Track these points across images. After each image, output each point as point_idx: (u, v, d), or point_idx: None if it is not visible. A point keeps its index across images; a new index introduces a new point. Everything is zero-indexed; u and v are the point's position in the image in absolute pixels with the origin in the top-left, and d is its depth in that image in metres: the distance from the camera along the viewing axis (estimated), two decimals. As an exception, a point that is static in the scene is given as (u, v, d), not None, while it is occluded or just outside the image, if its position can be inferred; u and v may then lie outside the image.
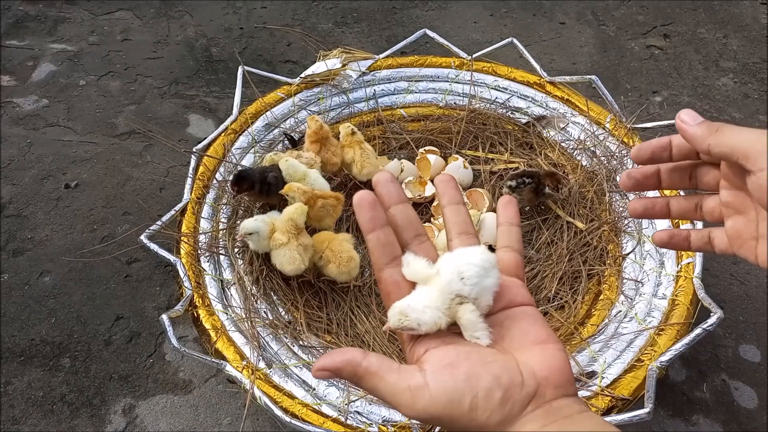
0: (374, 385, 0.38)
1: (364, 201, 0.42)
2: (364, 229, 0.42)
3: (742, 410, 1.00)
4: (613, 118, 1.18)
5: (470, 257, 0.39)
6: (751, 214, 0.43)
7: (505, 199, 0.47)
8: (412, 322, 0.38)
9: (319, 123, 1.10)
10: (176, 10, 1.81)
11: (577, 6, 1.85)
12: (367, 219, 0.42)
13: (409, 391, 0.36)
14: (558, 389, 0.36)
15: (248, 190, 1.03)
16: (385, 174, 0.44)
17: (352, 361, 0.38)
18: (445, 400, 0.35)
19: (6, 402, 1.00)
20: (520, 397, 0.35)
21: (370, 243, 0.42)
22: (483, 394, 0.35)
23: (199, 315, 0.91)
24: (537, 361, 0.37)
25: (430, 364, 0.38)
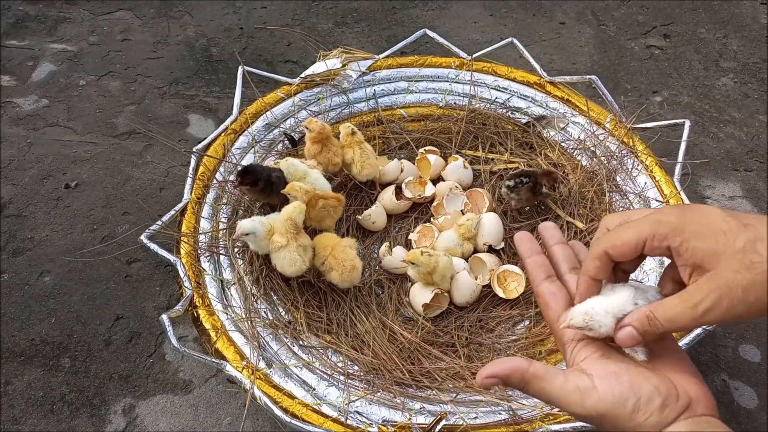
0: (542, 388, 0.43)
1: (524, 237, 0.53)
2: (523, 256, 0.52)
3: (742, 410, 1.00)
4: (613, 118, 1.18)
5: (645, 292, 0.46)
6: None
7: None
8: (594, 323, 0.44)
9: (320, 124, 1.11)
10: (176, 10, 1.81)
11: (577, 6, 1.85)
12: (526, 248, 0.52)
13: (578, 392, 0.42)
14: (706, 409, 0.41)
15: (250, 185, 1.03)
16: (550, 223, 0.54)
17: (520, 368, 0.43)
18: (612, 400, 0.41)
19: (6, 402, 1.00)
20: (676, 407, 0.41)
21: (528, 265, 0.51)
22: (645, 399, 0.41)
23: (199, 315, 0.91)
24: (689, 384, 0.43)
25: (594, 370, 0.43)
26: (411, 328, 0.98)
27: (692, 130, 1.11)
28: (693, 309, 0.43)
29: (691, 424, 0.40)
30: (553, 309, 0.48)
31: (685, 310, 0.43)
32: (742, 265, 0.41)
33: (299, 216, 0.95)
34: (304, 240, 0.97)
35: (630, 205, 1.09)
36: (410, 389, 0.87)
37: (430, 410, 0.83)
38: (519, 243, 0.53)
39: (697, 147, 1.43)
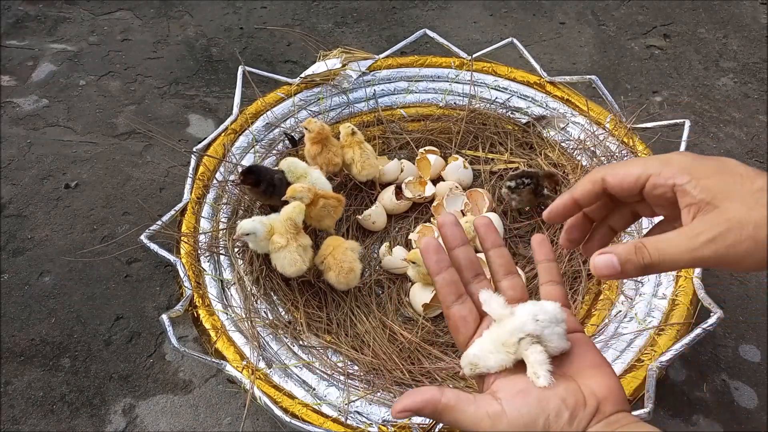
0: (455, 419, 0.42)
1: (431, 246, 0.48)
2: (432, 272, 0.48)
3: (742, 410, 1.00)
4: (613, 118, 1.18)
5: (546, 306, 0.45)
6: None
7: (538, 238, 0.51)
8: (482, 369, 0.44)
9: (319, 124, 1.11)
10: (176, 10, 1.81)
11: (577, 6, 1.85)
12: (433, 262, 0.47)
13: (488, 418, 0.41)
14: (615, 405, 0.41)
15: (252, 185, 1.03)
16: (450, 217, 0.50)
17: (432, 400, 0.43)
18: (522, 423, 0.40)
19: (6, 402, 1.00)
20: (585, 414, 0.41)
21: (438, 284, 0.48)
22: (554, 415, 0.40)
23: (199, 315, 0.91)
24: (595, 382, 0.42)
25: (503, 392, 0.43)
26: (411, 328, 0.98)
27: (692, 130, 1.11)
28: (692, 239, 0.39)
29: (602, 426, 0.40)
30: (463, 334, 0.47)
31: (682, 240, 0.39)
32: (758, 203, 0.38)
33: (299, 216, 0.96)
34: (304, 240, 0.97)
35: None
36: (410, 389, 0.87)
37: (430, 410, 0.83)
38: (425, 254, 0.48)
39: (697, 147, 1.43)
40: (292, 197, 0.98)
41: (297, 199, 0.98)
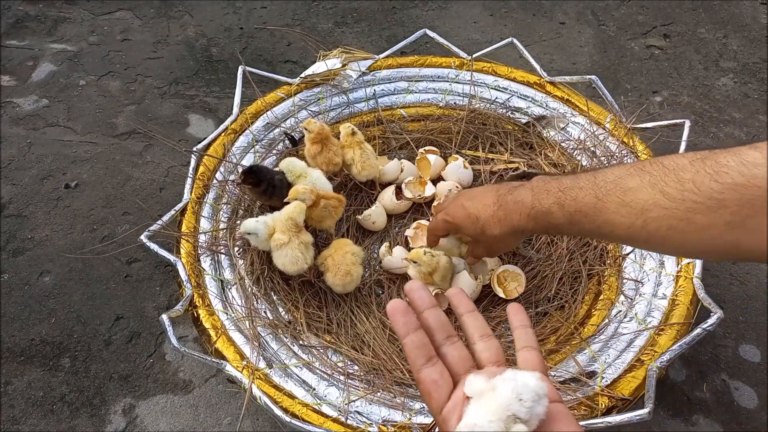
0: None
1: (398, 309, 0.48)
2: (399, 334, 0.48)
3: (742, 410, 1.00)
4: (613, 118, 1.18)
5: (528, 380, 0.44)
6: None
7: (514, 307, 0.53)
8: None
9: (319, 124, 1.11)
10: (176, 10, 1.81)
11: (577, 6, 1.85)
12: (401, 324, 0.48)
13: None
14: None
15: (252, 185, 1.03)
16: (416, 282, 0.52)
17: None
18: None
19: (6, 402, 1.00)
20: None
21: (406, 346, 0.48)
22: None
23: (199, 315, 0.91)
24: None
25: None
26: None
27: (692, 130, 1.11)
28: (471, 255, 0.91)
29: None
30: (435, 399, 0.46)
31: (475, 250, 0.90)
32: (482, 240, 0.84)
33: (300, 216, 0.95)
34: (306, 237, 0.97)
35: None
36: (410, 389, 0.87)
37: (430, 410, 0.83)
38: (392, 316, 0.49)
39: (697, 147, 1.43)
40: (295, 198, 0.98)
41: (299, 201, 0.98)
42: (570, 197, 0.66)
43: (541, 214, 0.71)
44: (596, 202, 0.62)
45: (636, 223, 0.58)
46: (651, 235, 0.58)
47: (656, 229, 0.57)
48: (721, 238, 0.52)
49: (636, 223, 0.58)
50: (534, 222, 0.73)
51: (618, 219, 0.60)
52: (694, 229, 0.53)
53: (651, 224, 0.57)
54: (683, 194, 0.53)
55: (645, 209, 0.57)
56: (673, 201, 0.54)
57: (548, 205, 0.70)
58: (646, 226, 0.58)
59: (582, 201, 0.64)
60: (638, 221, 0.58)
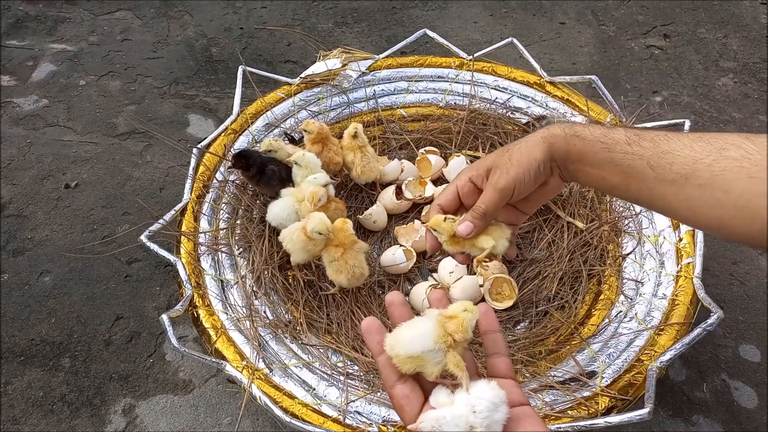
0: None
1: (372, 327, 0.51)
2: (374, 352, 0.50)
3: (742, 410, 1.00)
4: (613, 118, 1.18)
5: (483, 392, 0.47)
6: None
7: (483, 308, 0.53)
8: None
9: (318, 125, 1.11)
10: (176, 10, 1.81)
11: (577, 6, 1.85)
12: (375, 342, 0.50)
13: None
14: None
15: (242, 169, 1.03)
16: (399, 296, 0.53)
17: None
18: None
19: (6, 402, 1.00)
20: None
21: (380, 363, 0.50)
22: None
23: (199, 315, 0.91)
24: None
25: None
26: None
27: (692, 130, 1.11)
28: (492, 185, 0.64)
29: None
30: (407, 413, 0.49)
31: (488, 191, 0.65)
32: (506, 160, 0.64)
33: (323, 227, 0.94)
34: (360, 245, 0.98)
35: (630, 205, 1.09)
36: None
37: (430, 410, 0.83)
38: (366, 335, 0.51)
39: (697, 147, 1.43)
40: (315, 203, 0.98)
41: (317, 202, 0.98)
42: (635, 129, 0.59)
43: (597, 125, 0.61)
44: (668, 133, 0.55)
45: (704, 160, 0.50)
46: (714, 176, 0.49)
47: (723, 169, 0.49)
48: None
49: (704, 160, 0.50)
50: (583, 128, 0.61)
51: (686, 152, 0.52)
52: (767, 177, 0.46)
53: (720, 163, 0.49)
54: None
55: (723, 148, 0.50)
56: (758, 145, 0.48)
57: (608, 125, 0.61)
58: (714, 164, 0.49)
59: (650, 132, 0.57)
60: (708, 158, 0.50)
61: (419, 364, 0.50)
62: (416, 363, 0.50)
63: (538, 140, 0.63)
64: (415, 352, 0.49)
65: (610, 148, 0.58)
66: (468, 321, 0.51)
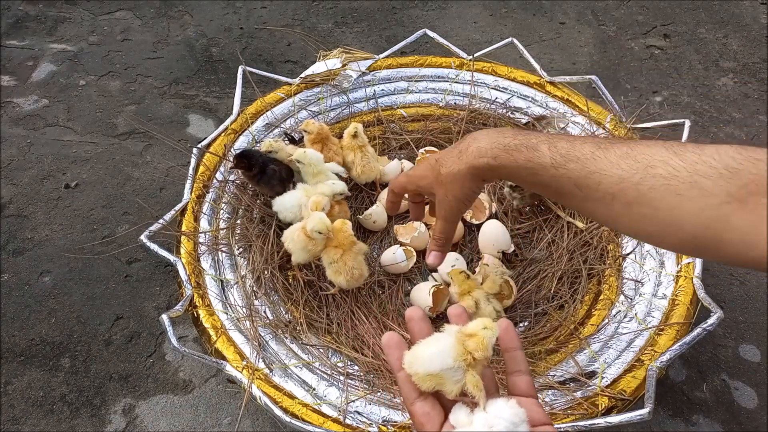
0: None
1: (392, 342, 0.51)
2: (394, 368, 0.50)
3: (742, 410, 1.00)
4: (613, 118, 1.18)
5: (502, 411, 0.46)
6: None
7: (503, 324, 0.53)
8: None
9: (318, 125, 1.11)
10: (176, 10, 1.81)
11: (577, 6, 1.85)
12: (395, 358, 0.50)
13: None
14: None
15: (244, 168, 1.04)
16: (419, 311, 0.53)
17: None
18: None
19: (6, 402, 1.00)
20: None
21: (400, 380, 0.50)
22: None
23: (199, 315, 0.91)
24: None
25: None
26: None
27: (692, 130, 1.11)
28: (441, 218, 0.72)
29: None
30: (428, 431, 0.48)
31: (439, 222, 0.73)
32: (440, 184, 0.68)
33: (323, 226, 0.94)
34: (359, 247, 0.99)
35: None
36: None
37: (430, 410, 0.83)
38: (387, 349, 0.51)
39: (697, 147, 1.43)
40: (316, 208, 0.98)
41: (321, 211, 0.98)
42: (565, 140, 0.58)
43: (523, 146, 0.60)
44: (595, 150, 0.54)
45: (631, 179, 0.51)
46: (641, 194, 0.50)
47: (651, 188, 0.50)
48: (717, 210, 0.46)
49: (631, 179, 0.51)
50: (507, 155, 0.60)
51: (612, 171, 0.52)
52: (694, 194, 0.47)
53: (648, 182, 0.50)
54: (700, 157, 0.48)
55: (650, 165, 0.50)
56: (686, 162, 0.48)
57: (536, 141, 0.59)
58: (642, 183, 0.50)
59: (579, 147, 0.56)
60: (635, 177, 0.51)
61: (439, 382, 0.49)
62: (435, 381, 0.49)
63: (466, 170, 0.64)
64: (434, 369, 0.49)
65: (537, 173, 0.58)
66: (488, 339, 0.50)
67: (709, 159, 0.47)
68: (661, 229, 0.50)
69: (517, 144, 0.60)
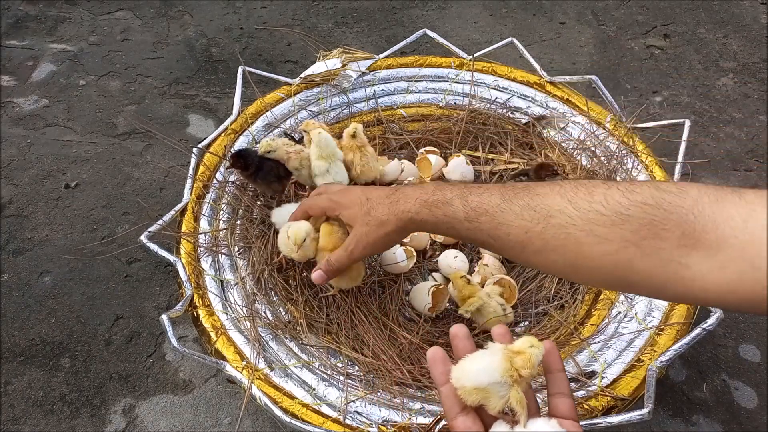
0: None
1: (437, 357, 0.53)
2: (437, 382, 0.52)
3: (742, 410, 1.00)
4: (613, 117, 1.18)
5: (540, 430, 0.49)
6: None
7: (548, 345, 0.54)
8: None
9: (317, 125, 1.11)
10: (176, 10, 1.81)
11: (577, 6, 1.85)
12: (439, 372, 0.52)
13: None
14: None
15: (240, 168, 1.04)
16: (463, 329, 0.55)
17: None
18: None
19: (6, 402, 1.00)
20: None
21: (443, 394, 0.52)
22: None
23: (199, 315, 0.91)
24: None
25: None
26: (411, 329, 0.98)
27: (692, 130, 1.11)
28: (346, 250, 0.80)
29: None
30: None
31: (342, 253, 0.80)
32: (364, 223, 0.75)
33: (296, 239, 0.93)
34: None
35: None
36: (410, 389, 0.87)
37: (430, 410, 0.83)
38: (432, 364, 0.53)
39: (697, 147, 1.43)
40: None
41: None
42: (475, 194, 0.64)
43: (440, 202, 0.66)
44: (501, 203, 0.60)
45: (534, 229, 0.56)
46: (546, 242, 0.55)
47: (553, 236, 0.55)
48: (616, 255, 0.50)
49: (534, 229, 0.56)
50: (428, 210, 0.68)
51: (518, 222, 0.58)
52: (592, 241, 0.52)
53: (549, 231, 0.55)
54: (591, 205, 0.52)
55: (549, 215, 0.55)
56: (579, 210, 0.53)
57: (450, 196, 0.66)
58: (545, 232, 0.55)
59: (487, 200, 0.62)
60: (538, 227, 0.56)
61: (484, 396, 0.51)
62: (481, 395, 0.51)
63: (394, 221, 0.72)
64: (482, 384, 0.50)
65: (455, 227, 0.65)
66: (535, 357, 0.51)
67: (599, 207, 0.52)
68: (573, 271, 0.56)
69: (435, 200, 0.67)
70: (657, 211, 0.48)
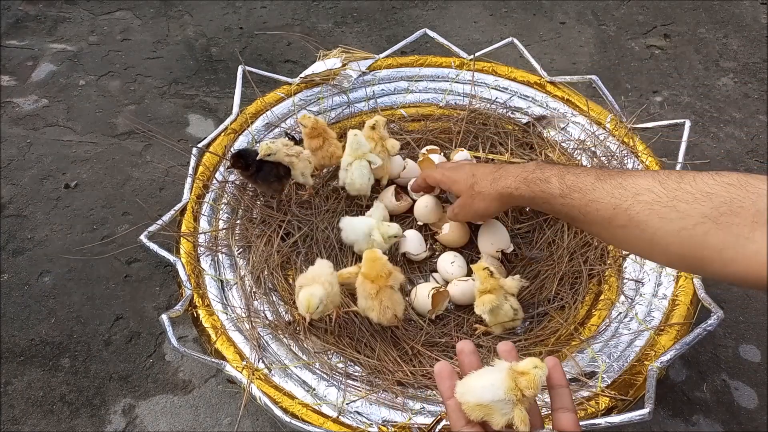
0: None
1: (444, 372, 0.55)
2: (444, 396, 0.54)
3: (742, 410, 1.00)
4: (614, 117, 1.18)
5: None
6: None
7: (551, 363, 0.55)
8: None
9: (313, 119, 1.09)
10: (176, 10, 1.81)
11: (577, 6, 1.85)
12: (446, 387, 0.54)
13: None
14: None
15: (241, 168, 1.04)
16: (469, 344, 0.57)
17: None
18: None
19: (6, 402, 1.00)
20: None
21: (449, 407, 0.54)
22: None
23: (198, 315, 0.91)
24: None
25: None
26: (412, 330, 0.98)
27: (692, 130, 1.11)
28: (452, 211, 0.96)
29: None
30: None
31: (450, 212, 0.97)
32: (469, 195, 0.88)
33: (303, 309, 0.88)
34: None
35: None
36: (411, 389, 0.87)
37: (430, 410, 0.83)
38: (439, 379, 0.55)
39: (698, 147, 1.43)
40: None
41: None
42: (572, 173, 0.71)
43: (539, 180, 0.75)
44: (595, 182, 0.66)
45: (622, 205, 0.61)
46: (630, 218, 0.60)
47: (638, 212, 0.59)
48: (693, 229, 0.54)
49: (622, 205, 0.61)
50: (526, 187, 0.77)
51: (608, 199, 0.63)
52: (673, 216, 0.55)
53: (636, 207, 0.60)
54: (679, 185, 0.56)
55: (637, 193, 0.60)
56: (667, 189, 0.57)
57: (549, 174, 0.74)
58: (631, 208, 0.60)
59: (583, 179, 0.68)
60: (625, 203, 0.61)
61: (487, 412, 0.52)
62: (484, 411, 0.52)
63: (495, 196, 0.84)
64: (485, 400, 0.52)
65: (550, 202, 0.74)
66: (539, 378, 0.53)
67: (687, 185, 0.56)
68: (649, 247, 0.60)
69: (534, 178, 0.76)
70: (739, 191, 0.51)
